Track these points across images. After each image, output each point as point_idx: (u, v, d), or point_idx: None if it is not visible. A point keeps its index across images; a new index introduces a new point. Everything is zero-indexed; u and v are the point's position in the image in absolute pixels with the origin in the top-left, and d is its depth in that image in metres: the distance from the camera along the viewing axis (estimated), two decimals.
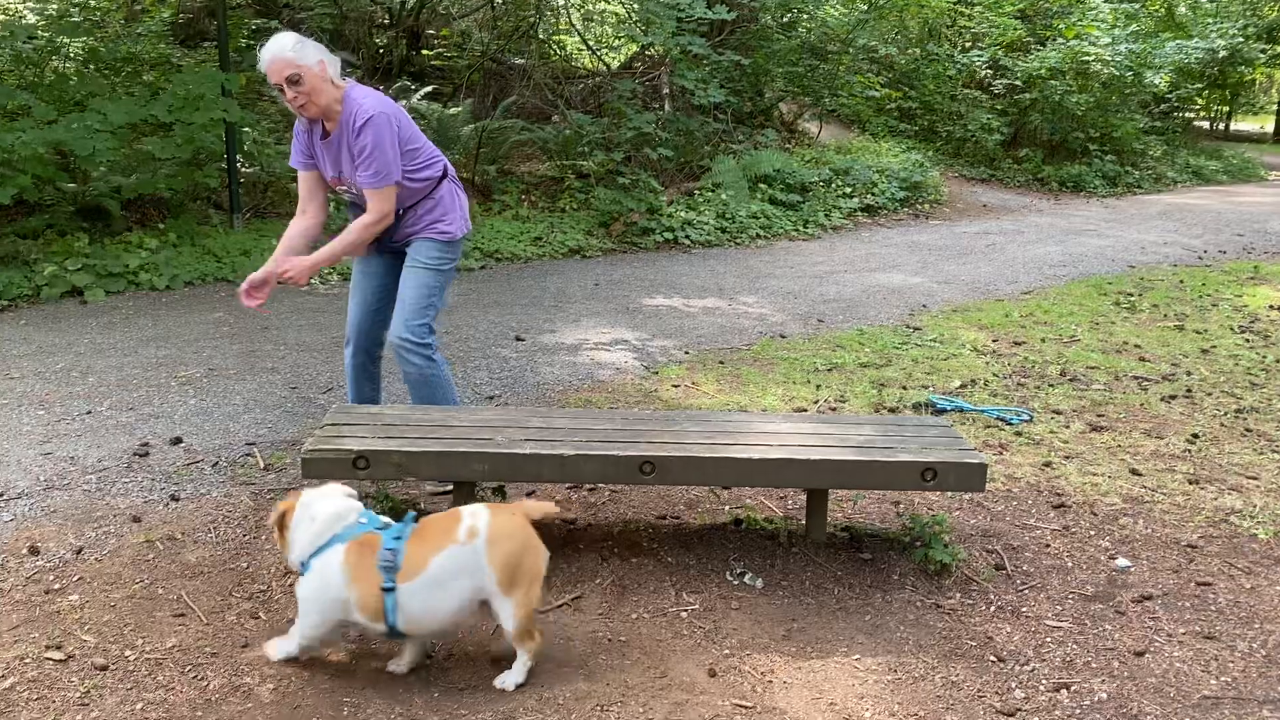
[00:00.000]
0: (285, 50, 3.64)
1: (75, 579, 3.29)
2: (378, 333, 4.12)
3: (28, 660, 2.84)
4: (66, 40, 9.09)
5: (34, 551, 3.43)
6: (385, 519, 2.88)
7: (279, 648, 2.89)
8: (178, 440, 4.48)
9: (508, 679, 2.82)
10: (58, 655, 2.87)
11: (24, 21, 9.22)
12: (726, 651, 3.03)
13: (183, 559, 3.44)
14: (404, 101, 11.00)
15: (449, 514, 2.85)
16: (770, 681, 2.89)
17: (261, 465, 4.25)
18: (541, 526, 2.87)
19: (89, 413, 4.79)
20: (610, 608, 3.25)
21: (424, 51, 12.86)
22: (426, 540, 2.77)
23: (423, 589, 2.72)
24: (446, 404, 3.95)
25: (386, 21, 12.97)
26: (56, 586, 3.23)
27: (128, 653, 2.91)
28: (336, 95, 3.73)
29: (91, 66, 8.96)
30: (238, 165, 8.42)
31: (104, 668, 2.82)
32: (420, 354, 3.92)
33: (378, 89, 3.92)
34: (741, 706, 2.77)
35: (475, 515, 2.79)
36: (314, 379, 5.41)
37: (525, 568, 2.77)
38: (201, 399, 5.04)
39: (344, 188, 3.92)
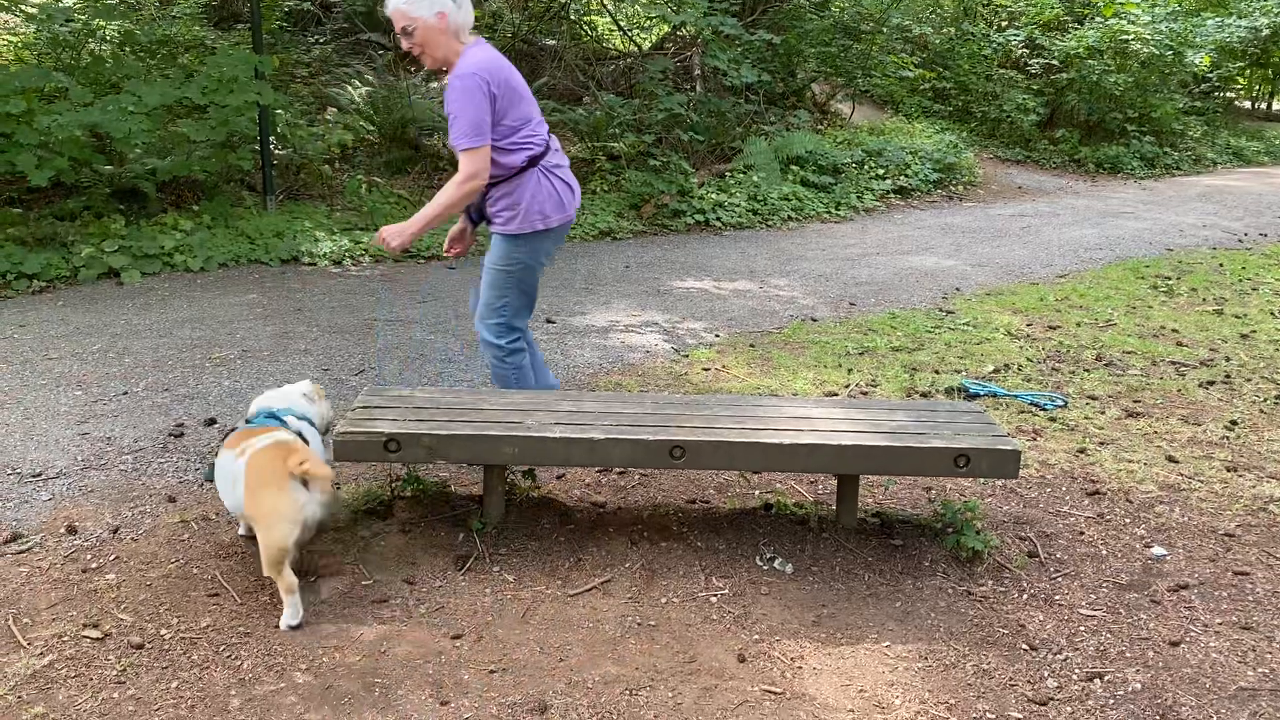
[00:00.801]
0: (398, 1, 3.61)
1: (112, 558, 3.33)
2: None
3: (66, 638, 2.89)
4: (103, 23, 9.16)
5: (72, 531, 3.48)
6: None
7: None
8: (212, 421, 4.52)
9: (281, 619, 3.00)
10: (95, 634, 2.91)
11: (61, 4, 9.30)
12: (756, 637, 3.03)
13: (217, 539, 3.48)
14: (435, 83, 11.01)
15: (263, 429, 3.18)
16: (800, 667, 2.89)
17: None
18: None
19: (125, 393, 4.85)
20: (639, 592, 3.25)
21: None
22: (231, 441, 3.17)
23: (219, 476, 3.15)
24: None
25: None
26: (94, 565, 3.28)
27: (163, 631, 2.94)
28: (456, 49, 3.66)
29: (127, 49, 9.03)
30: (271, 147, 8.46)
31: (140, 646, 2.86)
32: (490, 352, 3.94)
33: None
34: (771, 692, 2.76)
35: (254, 439, 3.08)
36: (345, 361, 5.45)
37: (265, 505, 2.95)
38: (235, 380, 5.08)
39: None
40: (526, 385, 4.00)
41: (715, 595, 3.24)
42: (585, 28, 13.66)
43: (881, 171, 12.21)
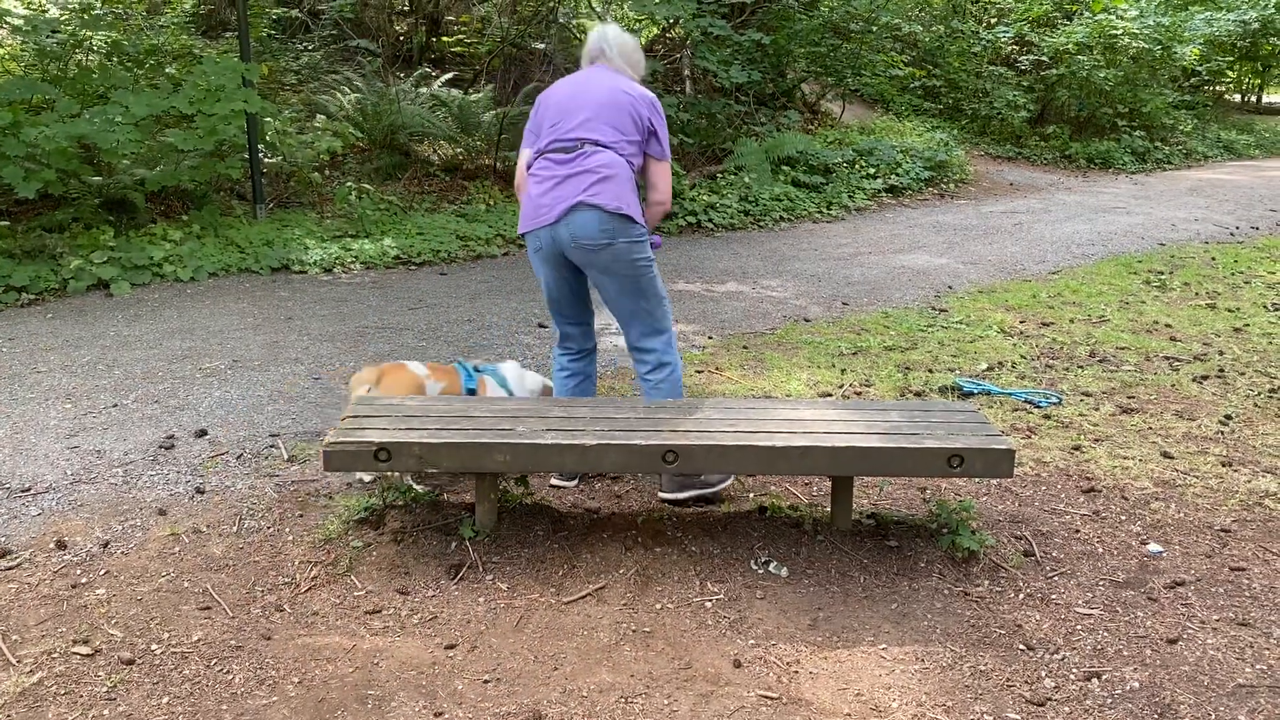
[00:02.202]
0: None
1: (102, 572, 3.31)
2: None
3: (55, 655, 2.86)
4: (89, 34, 9.13)
5: (61, 546, 3.45)
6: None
7: None
8: (202, 432, 4.50)
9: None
10: (85, 650, 2.88)
11: (47, 15, 9.27)
12: (752, 641, 3.01)
13: (208, 552, 3.46)
14: (425, 89, 10.99)
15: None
16: (796, 672, 2.87)
17: (285, 457, 4.26)
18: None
19: (115, 405, 4.82)
20: (634, 598, 3.23)
21: (444, 38, 12.84)
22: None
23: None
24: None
25: (406, 8, 12.96)
26: (84, 580, 3.25)
27: (154, 646, 2.92)
28: None
29: (114, 59, 9.00)
30: (260, 155, 8.44)
31: (130, 662, 2.84)
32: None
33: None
34: (767, 698, 2.74)
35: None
36: (337, 370, 5.42)
37: None
38: (226, 391, 5.05)
39: None
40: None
41: (710, 600, 3.22)
42: (575, 31, 13.64)
43: (873, 170, 12.21)
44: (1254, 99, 30.33)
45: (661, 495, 3.86)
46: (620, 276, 3.67)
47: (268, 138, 8.83)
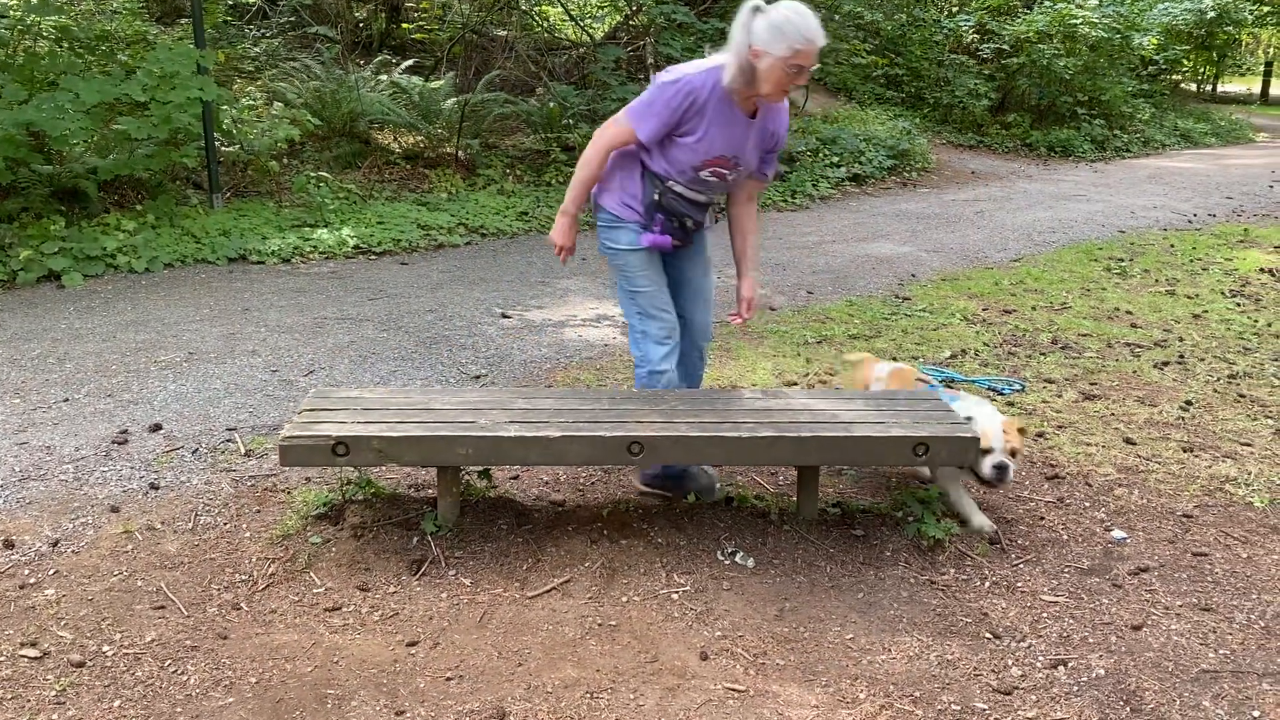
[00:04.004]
0: (821, 36, 3.26)
1: (51, 572, 3.21)
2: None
3: (1, 658, 2.77)
4: (38, 19, 8.90)
5: (9, 545, 3.35)
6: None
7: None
8: (157, 427, 4.40)
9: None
10: (33, 652, 2.80)
11: None
12: (719, 633, 2.98)
13: (162, 549, 3.37)
14: (385, 76, 10.84)
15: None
16: (763, 664, 2.84)
17: (242, 451, 4.17)
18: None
19: (66, 400, 4.70)
20: (600, 591, 3.19)
21: (404, 25, 12.68)
22: None
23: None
24: None
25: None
26: (32, 581, 3.16)
27: (105, 648, 2.84)
28: None
29: (64, 45, 8.78)
30: (216, 144, 8.28)
31: (80, 664, 2.76)
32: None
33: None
34: (734, 690, 2.71)
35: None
36: (295, 361, 5.33)
37: None
38: (181, 384, 4.95)
39: (721, 169, 3.57)
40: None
41: (676, 592, 3.19)
42: (536, 18, 13.53)
43: (836, 159, 12.22)
44: (1210, 88, 30.77)
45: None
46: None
47: (224, 126, 8.66)
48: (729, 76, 3.34)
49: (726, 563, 3.36)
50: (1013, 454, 3.49)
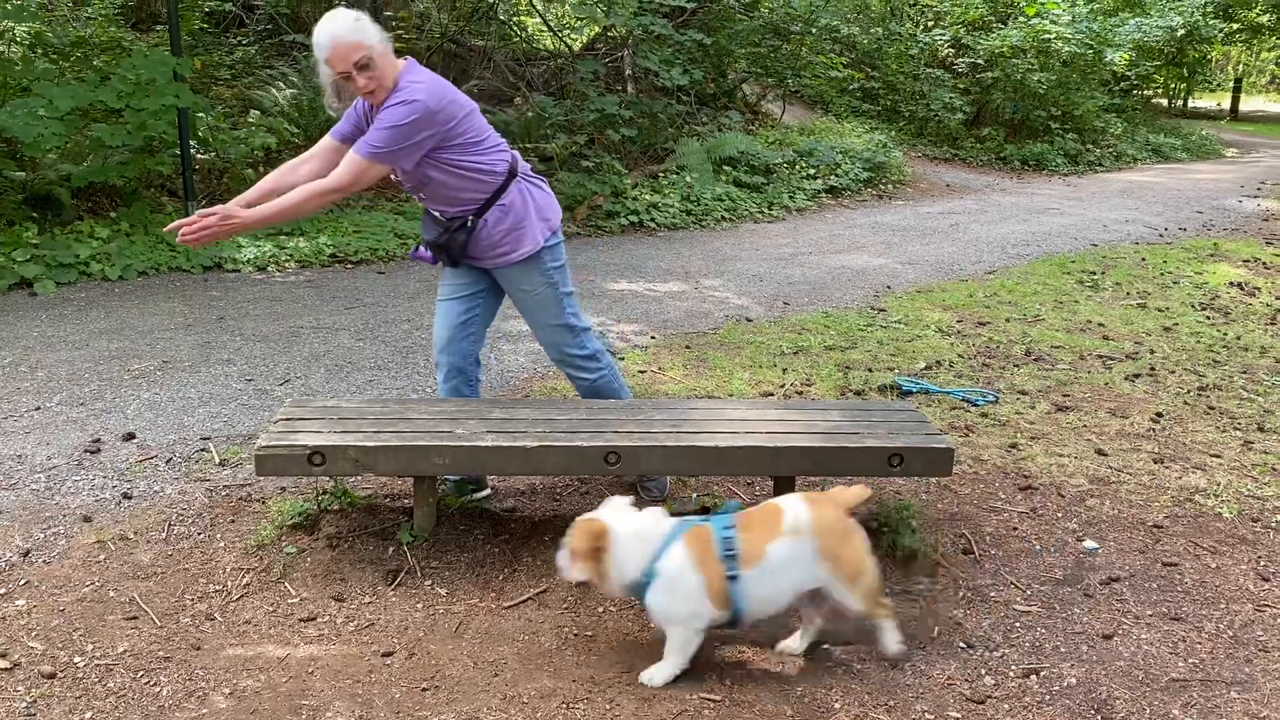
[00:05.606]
0: (349, 31, 3.22)
1: (22, 583, 3.18)
2: (471, 350, 3.76)
3: None
4: (11, 25, 8.83)
5: None
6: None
7: (663, 673, 2.79)
8: (130, 436, 4.36)
9: (889, 641, 2.89)
10: (3, 664, 2.77)
11: None
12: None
13: (135, 559, 3.35)
14: None
15: (764, 507, 2.89)
16: (738, 673, 2.85)
17: (217, 461, 4.15)
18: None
19: (38, 409, 4.65)
20: (576, 601, 3.19)
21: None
22: (757, 530, 2.79)
23: (764, 576, 2.75)
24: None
25: (344, 3, 12.74)
26: (2, 591, 3.13)
27: (77, 659, 2.81)
28: (395, 74, 3.34)
29: (38, 51, 8.72)
30: (191, 151, 8.23)
31: (51, 675, 2.73)
32: (590, 365, 3.78)
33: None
34: (709, 700, 2.72)
35: (797, 508, 2.83)
36: (270, 370, 5.30)
37: (852, 558, 2.81)
38: (155, 393, 4.91)
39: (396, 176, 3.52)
40: (622, 385, 3.92)
41: None
42: (514, 28, 13.55)
43: (813, 171, 12.30)
44: (1181, 104, 31.19)
45: None
46: None
47: (200, 133, 8.61)
48: None
49: None
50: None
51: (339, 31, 3.25)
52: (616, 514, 2.84)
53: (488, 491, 3.85)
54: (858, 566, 2.82)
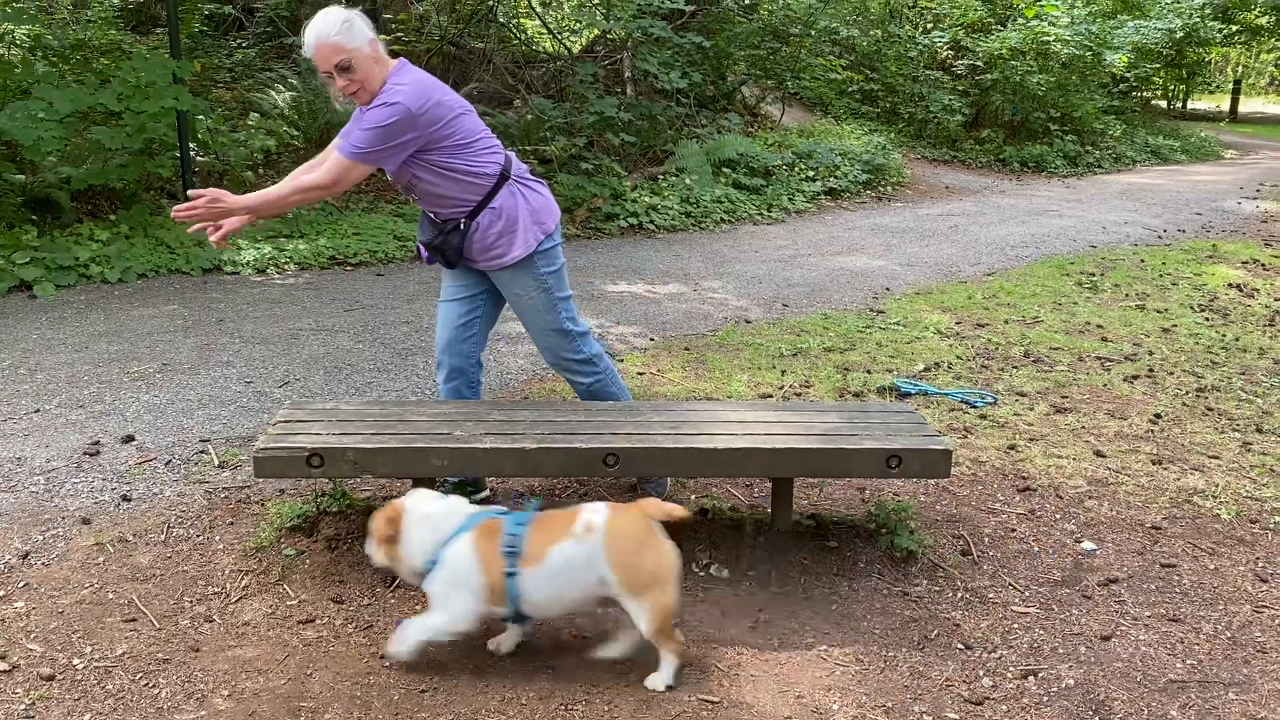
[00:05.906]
0: (332, 33, 3.25)
1: (21, 585, 3.19)
2: (472, 352, 3.75)
3: None
4: (11, 27, 8.84)
5: None
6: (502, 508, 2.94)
7: (404, 640, 2.79)
8: (129, 438, 4.37)
9: (656, 680, 2.77)
10: (2, 666, 2.77)
11: None
12: (693, 645, 2.98)
13: (134, 561, 3.35)
14: None
15: (569, 509, 2.84)
16: (737, 675, 2.85)
17: (216, 463, 4.15)
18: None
19: (37, 411, 4.66)
20: None
21: (381, 36, 12.66)
22: (547, 530, 2.76)
23: (543, 577, 2.71)
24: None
25: (344, 5, 12.76)
26: (1, 594, 3.13)
27: (75, 661, 2.82)
28: (384, 75, 3.36)
29: (38, 54, 8.73)
30: (191, 154, 8.24)
31: (50, 678, 2.74)
32: (586, 369, 3.78)
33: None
34: (708, 702, 2.73)
35: (595, 512, 2.78)
36: (270, 373, 5.30)
37: (646, 569, 2.72)
38: (154, 395, 4.92)
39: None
40: (622, 387, 3.92)
41: None
42: (514, 31, 13.56)
43: (812, 173, 12.30)
44: (1180, 105, 31.20)
45: None
46: None
47: (199, 136, 8.62)
48: None
49: (701, 574, 3.38)
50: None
51: (322, 33, 3.30)
52: (418, 500, 2.86)
53: (487, 493, 3.85)
54: (649, 581, 2.71)
